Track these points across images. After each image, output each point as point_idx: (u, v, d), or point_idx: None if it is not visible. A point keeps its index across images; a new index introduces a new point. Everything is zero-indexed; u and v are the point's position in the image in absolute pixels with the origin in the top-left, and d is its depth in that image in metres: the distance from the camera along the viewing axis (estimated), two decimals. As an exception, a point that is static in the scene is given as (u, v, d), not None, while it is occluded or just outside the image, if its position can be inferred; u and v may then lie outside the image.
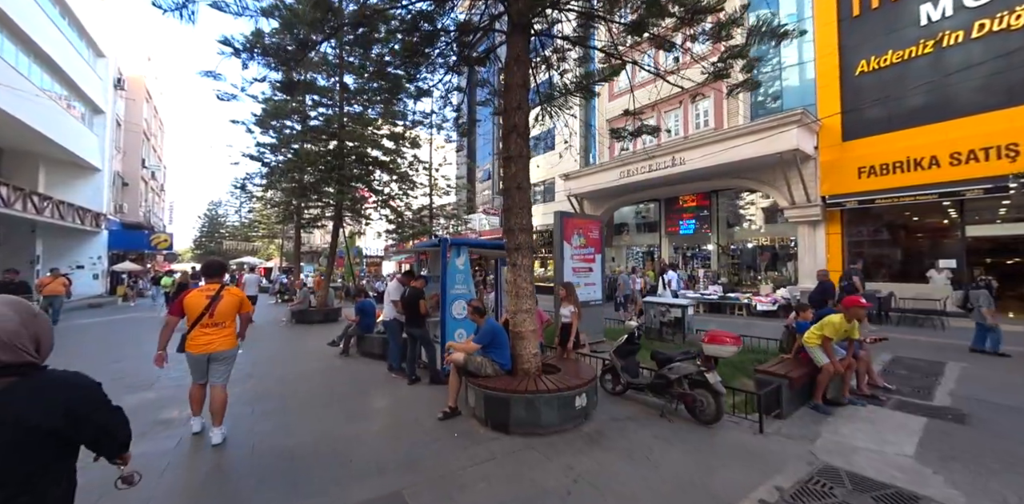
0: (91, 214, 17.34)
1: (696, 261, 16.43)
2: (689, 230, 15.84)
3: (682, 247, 18.00)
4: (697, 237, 15.93)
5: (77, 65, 16.10)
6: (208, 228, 44.50)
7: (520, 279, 4.01)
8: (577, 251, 7.31)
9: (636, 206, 18.24)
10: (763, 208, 13.73)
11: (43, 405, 1.04)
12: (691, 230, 15.79)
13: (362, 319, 6.50)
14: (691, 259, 16.67)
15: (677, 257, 17.19)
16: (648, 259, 18.61)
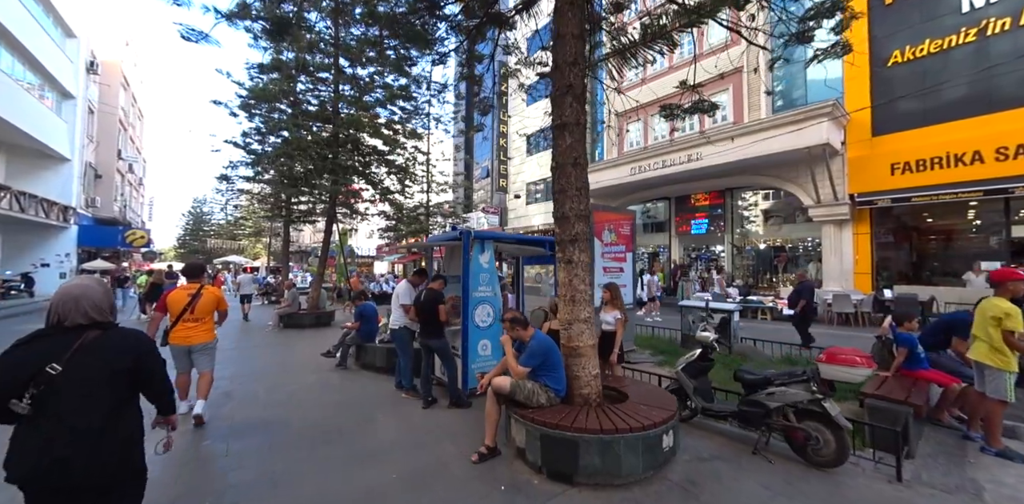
0: (58, 207, 15.96)
1: (700, 262, 15.79)
2: (701, 230, 15.18)
3: (689, 247, 17.39)
4: (709, 237, 15.27)
5: (43, 43, 14.75)
6: (192, 226, 42.67)
7: (576, 280, 3.15)
8: (608, 249, 6.51)
9: (643, 205, 17.55)
10: (782, 206, 13.13)
11: (121, 351, 1.52)
12: (703, 230, 15.13)
13: (362, 325, 5.56)
14: (695, 260, 16.03)
15: (686, 258, 16.55)
16: (655, 260, 17.93)
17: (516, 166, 22.66)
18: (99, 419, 1.40)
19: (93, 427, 1.38)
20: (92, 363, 1.44)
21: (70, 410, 1.37)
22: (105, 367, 1.45)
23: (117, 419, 1.46)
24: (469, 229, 4.48)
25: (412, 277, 4.70)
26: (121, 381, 1.49)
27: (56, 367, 1.38)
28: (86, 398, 1.41)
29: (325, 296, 10.65)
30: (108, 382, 1.45)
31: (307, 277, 24.04)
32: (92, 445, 1.37)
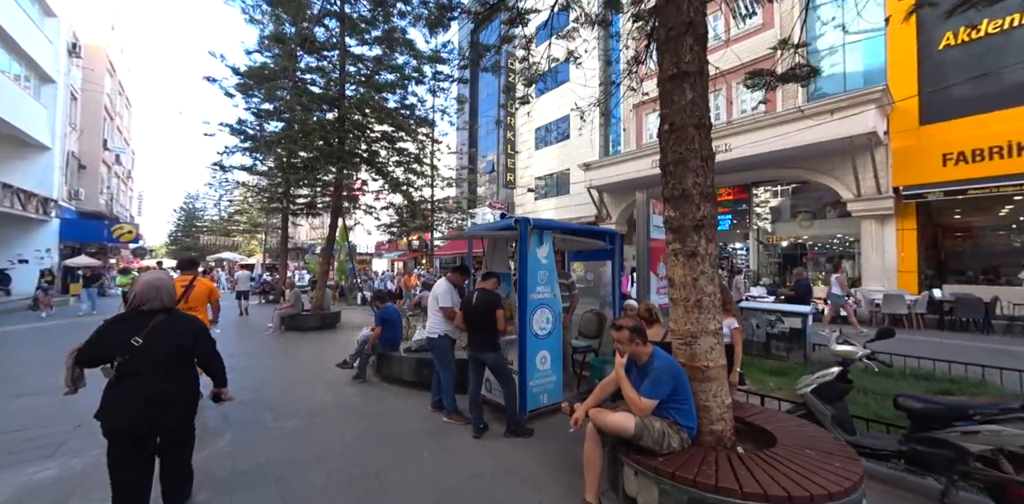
0: (37, 199, 14.85)
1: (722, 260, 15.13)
2: (724, 226, 14.44)
3: None
4: (732, 234, 14.58)
5: (17, 19, 13.61)
6: (184, 222, 41.26)
7: (703, 279, 2.36)
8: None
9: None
10: (811, 201, 12.46)
11: (183, 330, 1.99)
12: (726, 226, 14.40)
13: (385, 331, 4.73)
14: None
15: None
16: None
17: (524, 160, 21.81)
18: (168, 384, 1.90)
19: (164, 389, 1.88)
20: (163, 339, 1.91)
21: (147, 376, 1.85)
22: (172, 343, 1.93)
23: (180, 384, 1.96)
24: (526, 217, 3.66)
25: (451, 275, 3.88)
26: (183, 354, 1.98)
27: (138, 340, 1.86)
28: (158, 367, 1.88)
29: (329, 295, 9.76)
30: (174, 355, 1.94)
31: (304, 275, 23.04)
32: (163, 403, 1.88)
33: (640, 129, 15.80)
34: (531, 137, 21.35)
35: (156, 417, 1.85)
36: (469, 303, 3.38)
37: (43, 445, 3.05)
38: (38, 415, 3.63)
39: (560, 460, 2.86)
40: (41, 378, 4.84)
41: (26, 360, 5.87)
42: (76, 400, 4.23)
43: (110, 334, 1.90)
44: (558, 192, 19.71)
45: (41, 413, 3.67)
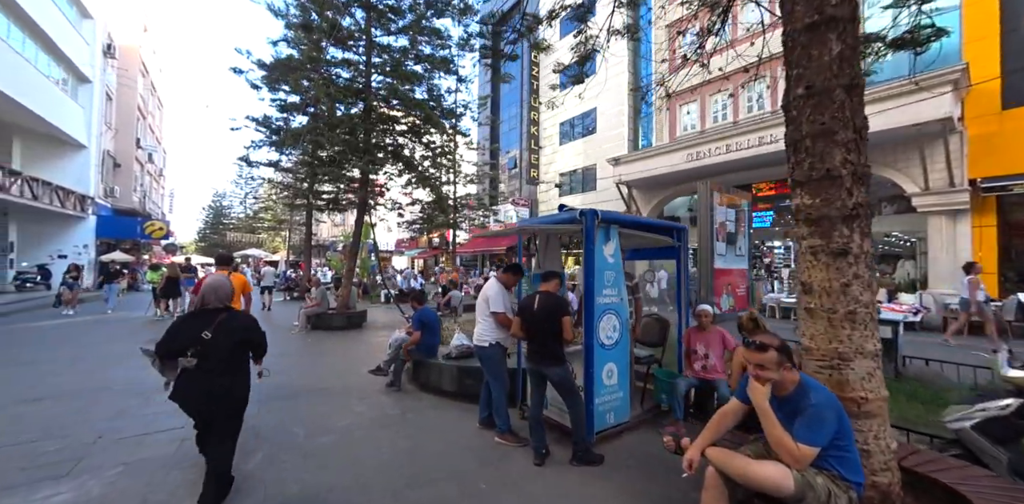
0: (75, 196, 15.23)
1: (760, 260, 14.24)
2: (764, 223, 13.57)
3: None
4: (774, 231, 13.68)
5: (57, 22, 13.91)
6: (212, 220, 42.42)
7: (857, 284, 1.81)
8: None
9: (691, 197, 15.97)
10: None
11: (238, 325, 2.33)
12: (767, 223, 13.52)
13: (424, 337, 4.31)
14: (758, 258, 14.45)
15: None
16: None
17: (548, 156, 21.23)
18: (224, 377, 2.26)
19: (220, 384, 2.23)
20: (225, 334, 2.26)
21: (212, 367, 2.21)
22: (232, 337, 2.29)
23: (236, 371, 2.35)
24: (592, 209, 3.16)
25: (502, 275, 3.42)
26: (239, 346, 2.36)
27: (208, 334, 2.22)
28: (221, 358, 2.24)
29: (355, 294, 9.50)
30: (233, 347, 2.30)
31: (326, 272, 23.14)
32: (224, 386, 2.25)
33: (673, 122, 15.00)
34: (555, 132, 20.75)
35: (213, 408, 2.24)
36: (529, 308, 2.90)
37: (58, 461, 2.75)
38: (55, 423, 3.36)
39: (651, 501, 2.36)
40: (61, 380, 4.65)
41: (50, 358, 5.76)
42: (95, 406, 3.89)
43: (182, 329, 2.28)
44: (584, 188, 19.07)
45: (58, 421, 3.40)
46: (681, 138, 14.28)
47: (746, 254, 5.46)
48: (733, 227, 5.24)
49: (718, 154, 12.38)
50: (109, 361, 5.58)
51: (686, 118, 14.71)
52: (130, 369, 5.24)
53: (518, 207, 21.08)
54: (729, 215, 5.07)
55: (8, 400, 3.92)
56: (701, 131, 13.79)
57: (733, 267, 5.03)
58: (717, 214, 5.00)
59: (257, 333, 2.42)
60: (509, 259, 23.39)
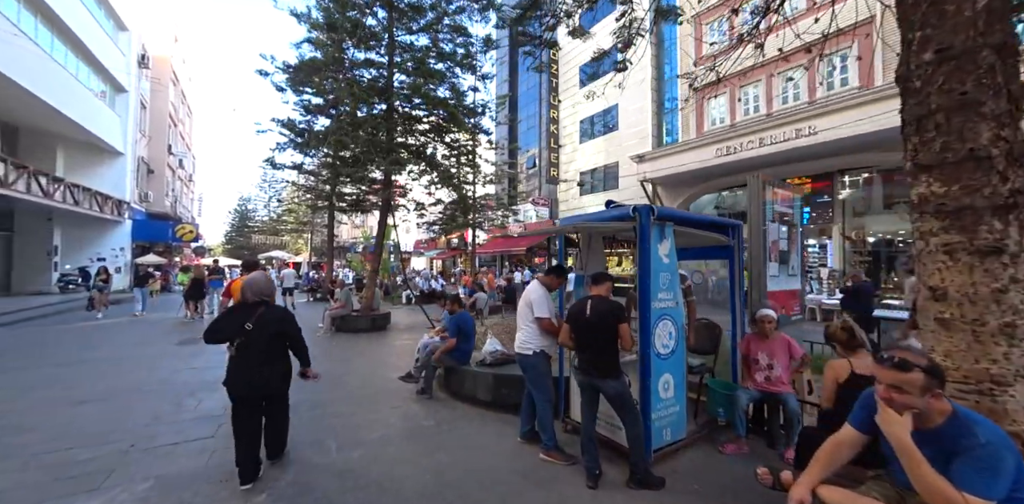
0: (112, 201, 15.83)
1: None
2: (803, 220, 12.86)
3: None
4: (808, 229, 12.94)
5: (96, 35, 14.48)
6: (238, 223, 43.78)
7: (1017, 290, 1.47)
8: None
9: (718, 194, 15.35)
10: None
11: (276, 317, 2.59)
12: (803, 220, 12.81)
13: (460, 343, 4.10)
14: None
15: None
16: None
17: (568, 154, 20.87)
18: (268, 360, 2.55)
19: (259, 372, 2.50)
20: (263, 325, 2.53)
21: (253, 357, 2.50)
22: (269, 328, 2.55)
23: (276, 360, 2.61)
24: (648, 204, 2.88)
25: (545, 276, 3.17)
26: (277, 337, 2.61)
27: (250, 325, 2.50)
28: (261, 348, 2.52)
29: (379, 295, 9.42)
30: (271, 338, 2.56)
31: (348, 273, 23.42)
32: (265, 374, 2.52)
33: (701, 116, 14.43)
34: (575, 130, 20.37)
35: (255, 390, 2.51)
36: (580, 314, 2.64)
37: (91, 472, 2.65)
38: (91, 431, 3.30)
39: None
40: (99, 382, 4.65)
41: (90, 358, 5.84)
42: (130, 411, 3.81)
43: (226, 321, 2.57)
44: (605, 186, 18.63)
45: (94, 428, 3.34)
46: (709, 133, 13.73)
47: (799, 273, 5.02)
48: (786, 244, 4.82)
49: (750, 148, 11.81)
50: (143, 363, 5.61)
51: (714, 112, 14.13)
52: (163, 371, 5.24)
53: (538, 206, 20.79)
54: (782, 233, 4.66)
55: (52, 403, 3.93)
56: (731, 125, 13.21)
57: (785, 289, 4.60)
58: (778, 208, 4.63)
59: (291, 325, 2.68)
60: (528, 260, 23.14)
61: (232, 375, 2.49)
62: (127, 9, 16.64)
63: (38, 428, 3.31)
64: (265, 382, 2.52)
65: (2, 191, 9.28)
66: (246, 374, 2.46)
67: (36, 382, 4.65)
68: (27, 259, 14.48)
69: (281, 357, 2.64)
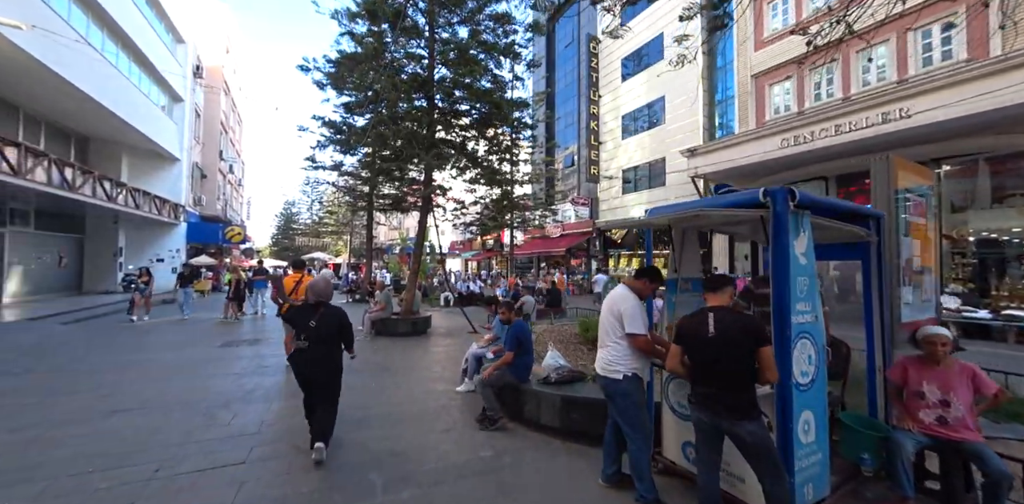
0: (169, 205, 16.69)
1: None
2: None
3: None
4: (897, 227, 11.37)
5: (158, 50, 15.34)
6: (283, 226, 45.93)
7: None
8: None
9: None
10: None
11: (335, 315, 3.04)
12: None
13: (519, 357, 3.52)
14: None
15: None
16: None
17: (608, 151, 19.95)
18: (328, 353, 3.01)
19: (326, 356, 2.99)
20: (325, 322, 2.98)
21: (314, 349, 2.95)
22: (329, 325, 3.00)
23: (329, 358, 3.01)
24: (783, 186, 2.18)
25: (635, 281, 2.53)
26: (336, 334, 3.05)
27: (313, 323, 2.93)
28: (324, 341, 2.98)
29: (419, 298, 9.07)
30: (332, 334, 3.02)
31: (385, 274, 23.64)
32: (324, 362, 2.97)
33: (762, 103, 13.16)
34: (616, 125, 19.43)
35: (313, 378, 2.97)
36: (700, 333, 1.97)
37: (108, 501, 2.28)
38: (117, 450, 2.98)
39: None
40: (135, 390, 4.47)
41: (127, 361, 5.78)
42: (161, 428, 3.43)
43: (295, 318, 3.01)
44: (651, 184, 17.57)
45: (120, 448, 3.03)
46: (771, 122, 12.45)
47: (933, 298, 3.82)
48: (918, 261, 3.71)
49: (824, 137, 10.50)
50: (183, 368, 5.47)
51: (777, 99, 12.83)
52: (200, 377, 5.04)
53: (578, 206, 20.01)
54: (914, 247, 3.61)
55: (86, 412, 3.75)
56: (799, 112, 11.90)
57: (920, 318, 3.51)
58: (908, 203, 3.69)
59: (346, 319, 3.12)
60: (567, 261, 22.31)
61: (298, 365, 2.94)
62: (184, 22, 17.58)
63: (66, 443, 3.05)
64: (324, 367, 2.97)
65: (71, 195, 9.79)
66: (310, 364, 2.92)
67: (75, 386, 4.54)
68: (96, 260, 15.49)
69: (335, 353, 3.06)
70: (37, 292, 12.58)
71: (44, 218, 13.00)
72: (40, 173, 8.89)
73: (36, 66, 8.99)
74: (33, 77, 9.54)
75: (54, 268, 13.82)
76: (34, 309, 10.26)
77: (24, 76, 9.52)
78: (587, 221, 20.38)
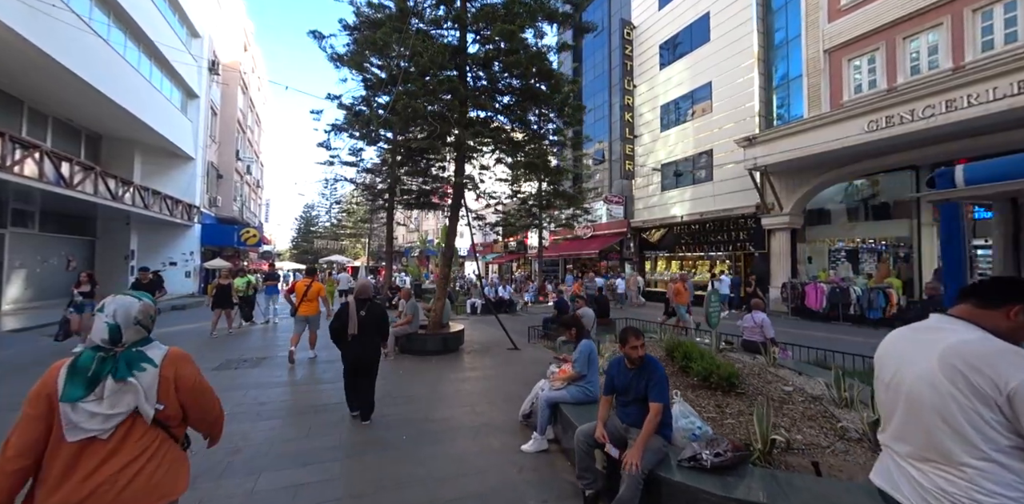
0: (183, 205, 15.94)
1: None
2: (992, 213, 9.41)
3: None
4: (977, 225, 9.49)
5: (171, 42, 14.60)
6: (303, 229, 45.81)
7: None
8: None
9: (847, 184, 12.12)
10: None
11: (377, 311, 3.93)
12: (988, 213, 9.35)
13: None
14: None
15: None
16: (880, 259, 12.34)
17: (645, 145, 18.36)
18: (373, 339, 3.84)
19: (371, 342, 3.81)
20: (370, 315, 3.80)
21: (362, 336, 3.71)
22: (374, 317, 3.82)
23: (371, 344, 3.81)
24: None
25: (979, 308, 1.07)
26: (378, 324, 3.86)
27: (363, 313, 3.78)
28: (367, 332, 3.76)
29: (449, 308, 7.74)
30: (373, 324, 3.81)
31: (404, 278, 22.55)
32: (368, 348, 3.78)
33: (838, 82, 11.41)
34: (654, 117, 17.83)
35: (359, 360, 3.73)
36: None
37: None
38: None
39: None
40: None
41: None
42: None
43: (347, 312, 3.78)
44: (695, 180, 15.89)
45: None
46: (851, 102, 10.71)
47: None
48: None
49: (927, 116, 8.74)
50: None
51: (858, 76, 11.07)
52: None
53: (611, 204, 18.46)
54: None
55: None
56: (889, 89, 10.13)
57: None
58: None
59: (385, 316, 3.98)
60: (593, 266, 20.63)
61: (350, 349, 3.72)
62: (199, 15, 16.94)
63: None
64: (368, 355, 3.77)
65: (67, 192, 8.88)
66: (358, 349, 3.72)
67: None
68: (108, 263, 14.80)
69: (377, 341, 3.88)
70: (41, 297, 11.82)
71: (51, 219, 12.29)
72: (31, 166, 7.97)
73: (34, 52, 8.13)
74: (32, 64, 8.71)
75: (61, 272, 13.11)
76: (30, 317, 9.37)
77: (21, 62, 8.69)
78: (620, 221, 18.80)
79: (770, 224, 12.94)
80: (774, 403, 3.46)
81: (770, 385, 3.94)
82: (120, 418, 1.17)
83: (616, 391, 2.47)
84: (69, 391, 1.13)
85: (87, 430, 1.13)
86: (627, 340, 2.40)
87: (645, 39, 18.47)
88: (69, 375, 1.16)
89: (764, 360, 4.76)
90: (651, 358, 2.40)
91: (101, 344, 1.23)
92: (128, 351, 1.23)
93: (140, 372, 1.21)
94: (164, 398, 1.24)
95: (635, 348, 2.38)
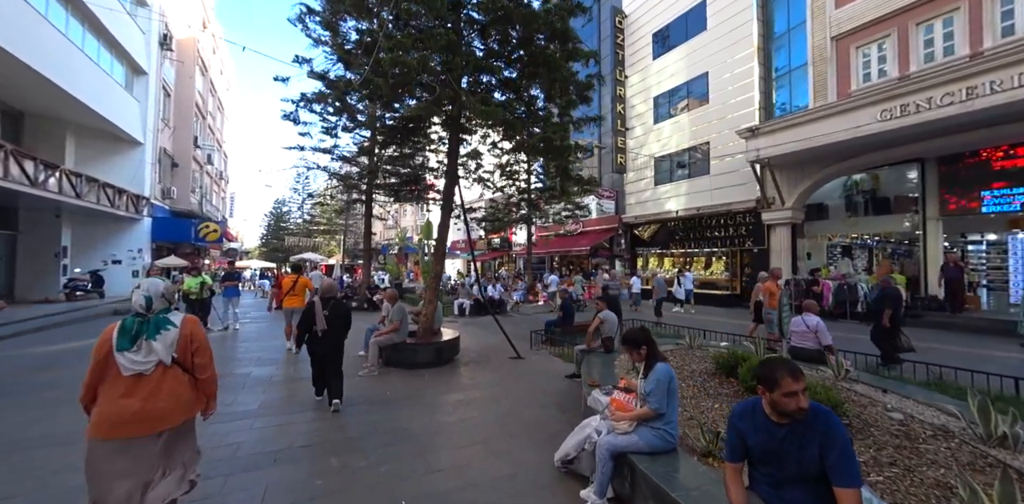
0: (128, 195, 14.02)
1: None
2: (1003, 206, 9.17)
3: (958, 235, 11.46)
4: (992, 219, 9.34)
5: (109, 4, 12.68)
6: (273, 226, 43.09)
7: None
8: None
9: (847, 178, 11.80)
10: None
11: (342, 309, 4.25)
12: (1008, 207, 9.11)
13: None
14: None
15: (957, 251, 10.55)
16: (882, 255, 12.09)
17: (637, 138, 17.69)
18: (335, 335, 4.10)
19: (335, 337, 4.10)
20: (335, 313, 4.12)
21: (331, 330, 4.06)
22: (339, 315, 4.14)
23: (335, 341, 4.08)
24: None
25: None
26: (343, 321, 4.17)
27: (327, 313, 4.06)
28: (333, 328, 4.08)
29: (441, 311, 6.66)
30: (341, 323, 4.15)
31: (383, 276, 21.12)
32: (333, 342, 4.08)
33: (845, 71, 10.96)
34: (647, 109, 17.17)
35: (324, 352, 4.03)
36: None
37: None
38: None
39: None
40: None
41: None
42: None
43: (314, 311, 4.04)
44: (691, 173, 15.31)
45: None
46: (859, 91, 10.27)
47: None
48: None
49: (946, 104, 8.30)
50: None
51: (868, 63, 10.64)
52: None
53: (603, 199, 17.72)
54: None
55: None
56: (901, 77, 9.71)
57: None
58: None
59: (349, 310, 4.35)
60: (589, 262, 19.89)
61: (316, 345, 4.04)
62: (147, -18, 14.95)
63: None
64: (327, 350, 4.03)
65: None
66: (323, 343, 4.02)
67: None
68: (33, 262, 12.78)
69: (341, 337, 4.15)
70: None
71: (-43, 210, 10.33)
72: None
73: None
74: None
75: (-29, 272, 11.11)
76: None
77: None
78: (611, 217, 18.10)
79: (771, 219, 12.47)
80: (893, 440, 2.62)
81: (865, 411, 3.11)
82: (154, 363, 1.87)
83: (752, 459, 1.53)
84: (120, 343, 1.83)
85: (134, 369, 1.83)
86: (778, 381, 1.46)
87: (637, 28, 17.78)
88: (120, 333, 1.86)
89: (831, 373, 3.98)
90: (821, 408, 1.47)
91: (139, 310, 1.94)
92: (156, 316, 1.94)
93: (165, 331, 1.92)
94: (181, 349, 1.95)
95: (793, 395, 1.43)
